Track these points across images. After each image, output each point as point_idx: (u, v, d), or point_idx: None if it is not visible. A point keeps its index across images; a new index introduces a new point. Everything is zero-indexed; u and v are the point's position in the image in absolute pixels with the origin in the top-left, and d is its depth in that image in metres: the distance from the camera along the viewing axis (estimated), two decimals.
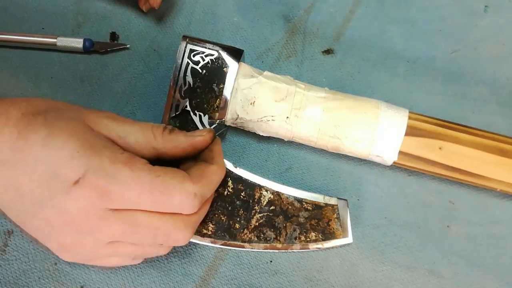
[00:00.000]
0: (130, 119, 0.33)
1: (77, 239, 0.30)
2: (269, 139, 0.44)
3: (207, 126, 0.39)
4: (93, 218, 0.29)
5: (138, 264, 0.39)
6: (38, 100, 0.32)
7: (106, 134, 0.31)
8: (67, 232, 0.30)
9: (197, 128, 0.39)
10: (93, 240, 0.30)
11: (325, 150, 0.41)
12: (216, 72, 0.39)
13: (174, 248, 0.40)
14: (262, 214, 0.39)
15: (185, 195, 0.30)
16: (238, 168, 0.39)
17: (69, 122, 0.30)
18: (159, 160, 0.33)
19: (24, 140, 0.29)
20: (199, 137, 0.34)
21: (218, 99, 0.39)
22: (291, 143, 0.43)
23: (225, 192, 0.39)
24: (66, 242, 0.31)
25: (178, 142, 0.33)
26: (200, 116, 0.39)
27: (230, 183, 0.39)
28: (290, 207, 0.39)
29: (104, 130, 0.31)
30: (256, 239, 0.39)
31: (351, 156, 0.41)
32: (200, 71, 0.39)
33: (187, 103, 0.39)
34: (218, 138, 0.36)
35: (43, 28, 0.47)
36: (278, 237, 0.39)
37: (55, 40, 0.45)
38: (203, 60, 0.39)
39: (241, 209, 0.39)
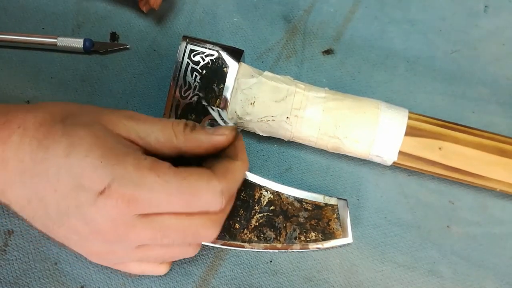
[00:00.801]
0: (150, 116, 0.32)
1: (105, 248, 0.30)
2: (269, 139, 0.44)
3: (227, 121, 0.38)
4: (121, 227, 0.29)
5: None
6: (54, 106, 0.31)
7: (126, 136, 0.31)
8: (95, 241, 0.30)
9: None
10: (122, 248, 0.30)
11: (325, 150, 0.41)
12: (216, 72, 0.39)
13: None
14: (262, 214, 0.39)
15: (212, 194, 0.30)
16: None
17: (89, 129, 0.29)
18: (181, 157, 0.33)
19: (44, 151, 0.28)
20: (221, 137, 0.33)
21: (218, 99, 0.39)
22: (291, 143, 0.43)
23: None
24: (94, 250, 0.31)
25: (199, 141, 0.32)
26: (218, 111, 0.38)
27: None
28: (290, 207, 0.39)
29: (123, 132, 0.31)
30: (256, 239, 0.39)
31: (351, 156, 0.41)
32: (200, 71, 0.39)
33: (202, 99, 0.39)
34: (241, 134, 0.35)
35: (43, 28, 0.47)
36: (278, 237, 0.39)
37: (55, 40, 0.45)
38: (203, 60, 0.39)
39: (241, 209, 0.39)
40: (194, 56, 0.39)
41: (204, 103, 0.39)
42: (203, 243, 0.39)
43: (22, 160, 0.28)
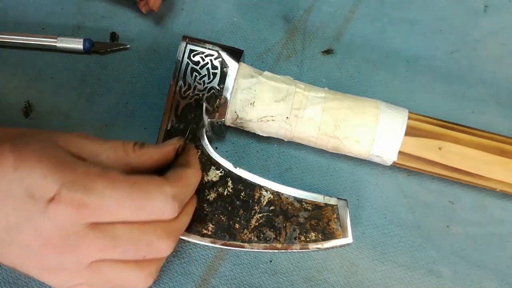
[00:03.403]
0: (101, 138, 0.32)
1: (57, 261, 0.29)
2: (269, 139, 0.44)
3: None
4: (72, 236, 0.28)
5: None
6: (5, 129, 0.31)
7: (77, 153, 0.31)
8: (47, 255, 0.29)
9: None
10: (75, 261, 0.29)
11: (325, 150, 0.41)
12: (216, 72, 0.39)
13: (174, 248, 0.40)
14: (262, 214, 0.39)
15: (164, 198, 0.30)
16: (238, 168, 0.39)
17: (40, 143, 0.29)
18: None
19: None
20: (169, 146, 0.34)
21: (218, 99, 0.39)
22: (291, 143, 0.43)
23: (225, 192, 0.39)
24: (46, 265, 0.30)
25: (150, 154, 0.33)
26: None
27: (230, 183, 0.39)
28: (290, 207, 0.39)
29: (75, 149, 0.31)
30: (256, 239, 0.39)
31: (351, 156, 0.41)
32: (200, 71, 0.39)
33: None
34: (191, 144, 0.36)
35: (43, 28, 0.47)
36: (278, 237, 0.39)
37: (55, 40, 0.45)
38: (203, 60, 0.39)
39: (241, 209, 0.39)
40: (194, 56, 0.39)
41: (205, 105, 0.39)
42: (203, 243, 0.39)
43: None
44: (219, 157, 0.39)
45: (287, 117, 0.39)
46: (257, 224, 0.39)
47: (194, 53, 0.39)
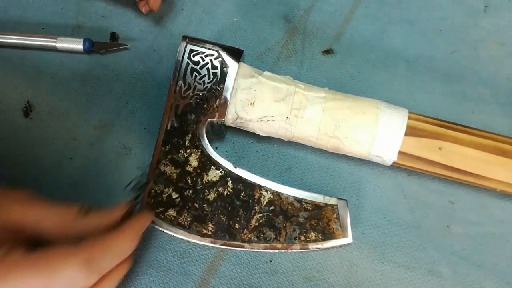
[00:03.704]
0: (49, 202, 0.32)
1: None
2: (269, 139, 0.44)
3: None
4: None
5: (138, 263, 0.39)
6: None
7: (19, 220, 0.30)
8: None
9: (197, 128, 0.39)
10: None
11: (325, 150, 0.41)
12: (216, 72, 0.39)
13: (174, 247, 0.40)
14: (262, 214, 0.39)
15: (73, 266, 0.28)
16: (238, 168, 0.39)
17: None
18: None
19: None
20: (116, 212, 0.33)
21: (218, 99, 0.39)
22: (291, 143, 0.43)
23: (225, 192, 0.39)
24: None
25: (96, 222, 0.32)
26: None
27: (230, 183, 0.39)
28: (290, 207, 0.39)
29: (17, 216, 0.30)
30: (256, 239, 0.39)
31: (351, 156, 0.41)
32: (200, 71, 0.39)
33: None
34: (144, 212, 0.35)
35: (43, 28, 0.47)
36: (278, 237, 0.39)
37: (55, 40, 0.45)
38: (203, 60, 0.39)
39: (241, 209, 0.39)
40: (194, 56, 0.39)
41: (205, 105, 0.39)
42: (203, 243, 0.39)
43: None
44: (219, 157, 0.39)
45: (287, 117, 0.39)
46: (257, 224, 0.39)
47: (194, 53, 0.39)
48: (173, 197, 0.39)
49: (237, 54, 0.39)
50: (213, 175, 0.39)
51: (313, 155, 0.44)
